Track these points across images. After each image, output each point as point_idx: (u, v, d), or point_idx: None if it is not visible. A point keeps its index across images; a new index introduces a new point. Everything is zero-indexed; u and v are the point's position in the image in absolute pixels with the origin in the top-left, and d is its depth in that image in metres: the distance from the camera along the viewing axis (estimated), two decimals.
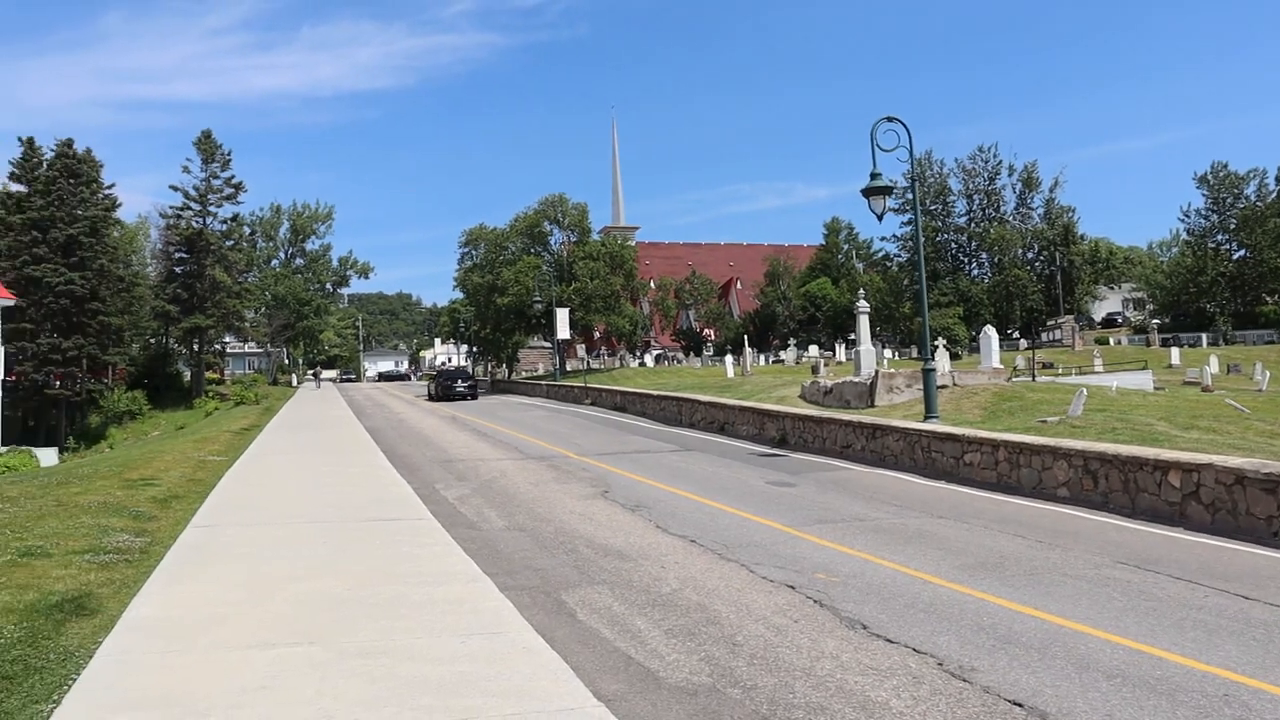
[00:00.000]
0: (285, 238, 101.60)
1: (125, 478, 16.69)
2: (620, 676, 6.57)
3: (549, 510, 13.72)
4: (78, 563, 9.60)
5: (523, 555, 10.60)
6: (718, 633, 7.53)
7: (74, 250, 55.45)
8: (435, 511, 13.19)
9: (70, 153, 58.84)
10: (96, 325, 56.20)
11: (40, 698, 5.91)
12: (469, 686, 5.92)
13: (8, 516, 12.35)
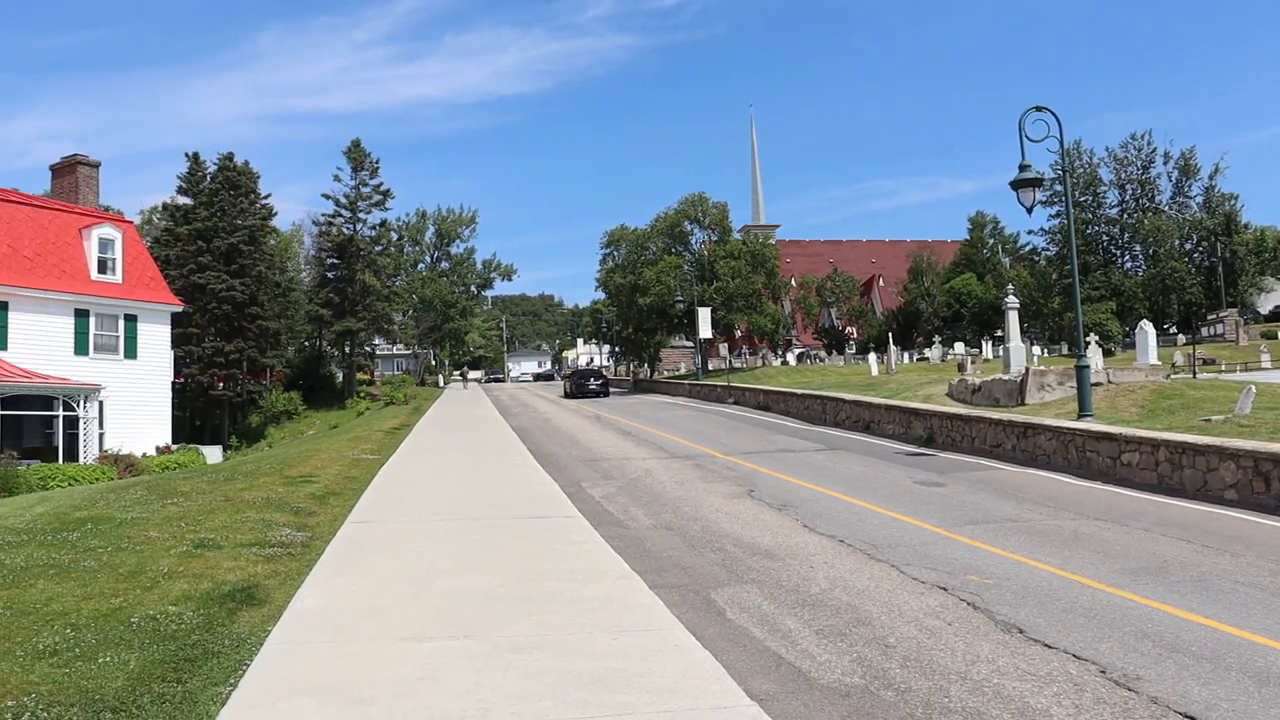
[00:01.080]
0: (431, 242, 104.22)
1: (285, 475, 17.36)
2: (772, 676, 6.56)
3: (695, 509, 13.76)
4: (246, 555, 10.04)
5: (670, 553, 10.66)
6: (869, 634, 7.45)
7: (235, 258, 57.82)
8: (583, 509, 13.37)
9: (231, 166, 61.37)
10: (256, 329, 58.47)
11: (218, 680, 6.21)
12: (622, 682, 5.99)
13: (181, 510, 13.00)
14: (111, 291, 39.14)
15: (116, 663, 6.51)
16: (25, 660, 6.59)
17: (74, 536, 11.15)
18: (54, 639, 7.04)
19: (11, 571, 9.34)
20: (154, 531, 11.38)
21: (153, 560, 9.77)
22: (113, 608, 7.95)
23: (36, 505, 14.67)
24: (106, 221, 41.60)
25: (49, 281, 36.98)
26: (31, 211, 38.99)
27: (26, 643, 6.98)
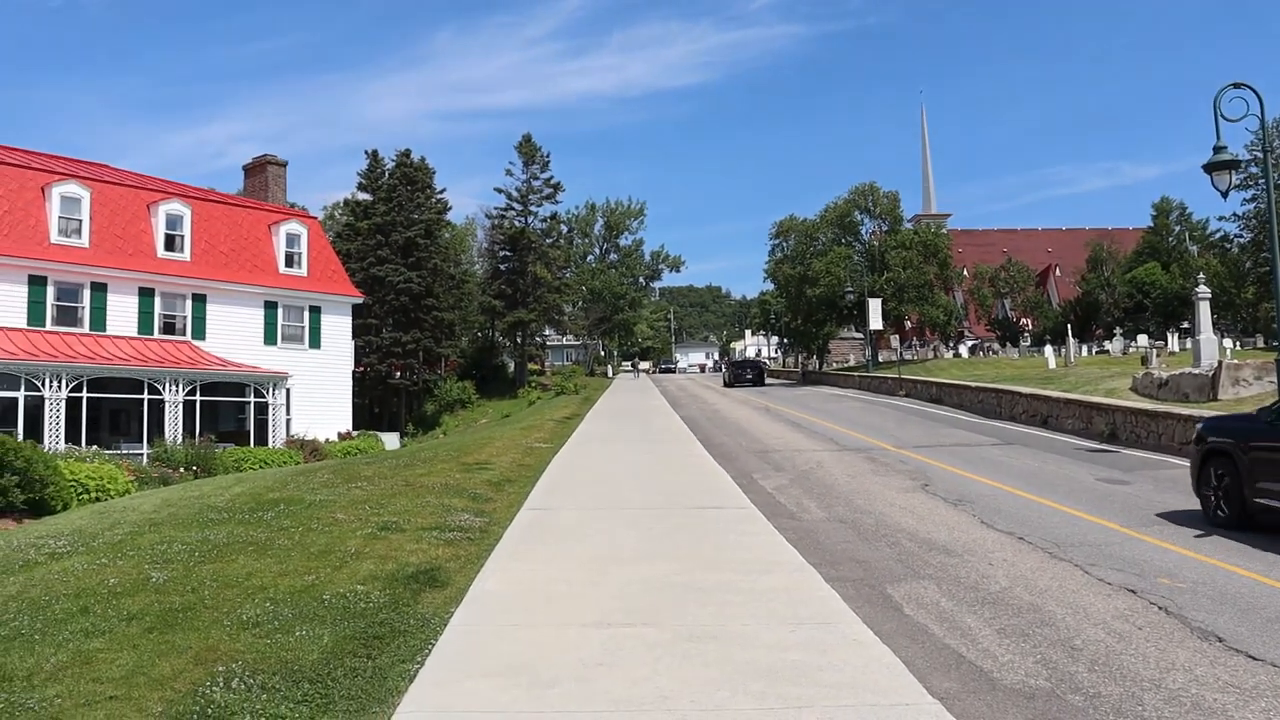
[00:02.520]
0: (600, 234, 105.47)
1: (462, 462, 17.85)
2: (952, 674, 6.42)
3: (868, 502, 13.58)
4: (427, 538, 10.37)
5: (844, 546, 10.55)
6: (1053, 635, 7.21)
7: (411, 251, 59.62)
8: (755, 500, 13.34)
9: (408, 162, 63.29)
10: (431, 320, 60.17)
11: (405, 658, 6.44)
12: (801, 675, 5.95)
13: (365, 494, 13.52)
14: (298, 284, 40.94)
15: (311, 636, 6.82)
16: (232, 629, 6.97)
17: (269, 516, 11.71)
18: (255, 611, 7.42)
19: (216, 547, 9.88)
20: (341, 514, 11.87)
21: (341, 541, 10.19)
22: (306, 584, 8.33)
23: (234, 486, 15.48)
24: (293, 218, 43.51)
25: (242, 275, 38.94)
26: (227, 210, 41.09)
27: (232, 613, 7.39)
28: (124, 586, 8.36)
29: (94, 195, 35.61)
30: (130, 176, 41.43)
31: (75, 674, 6.11)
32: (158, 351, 34.67)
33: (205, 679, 5.96)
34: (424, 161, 64.24)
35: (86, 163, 41.98)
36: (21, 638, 6.91)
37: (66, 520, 14.30)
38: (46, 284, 33.41)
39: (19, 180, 34.53)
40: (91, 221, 35.17)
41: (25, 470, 17.61)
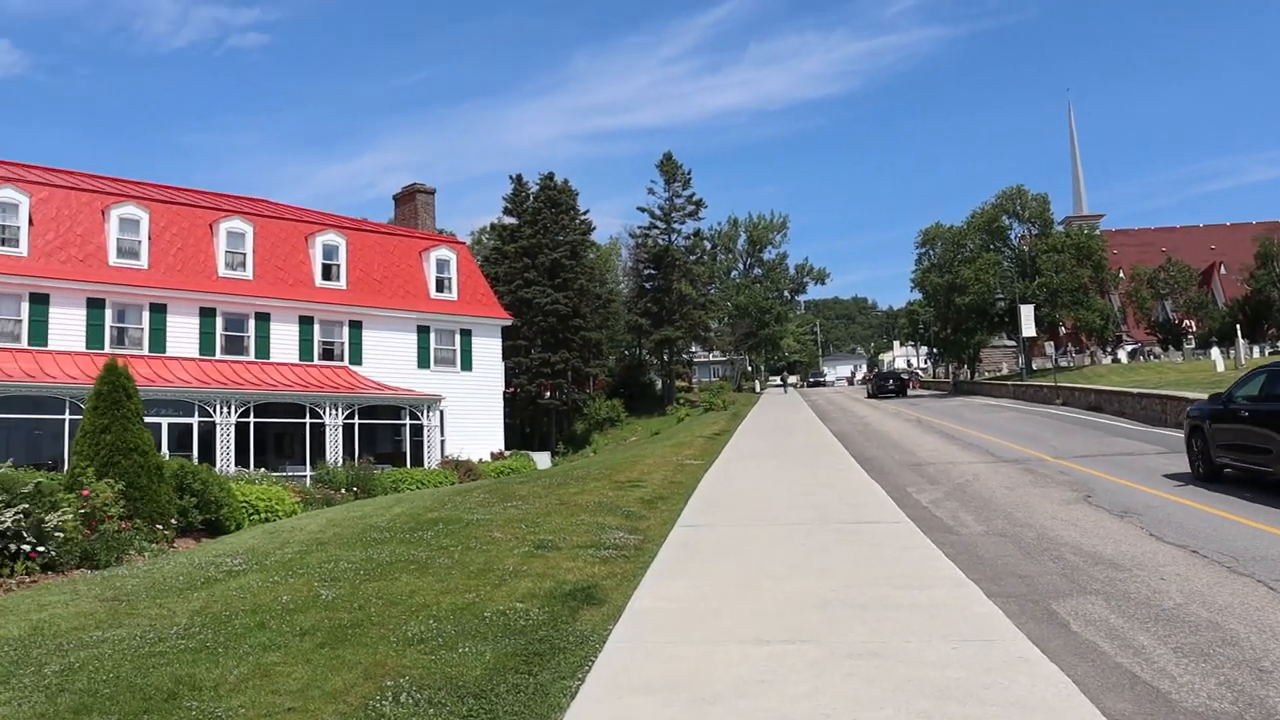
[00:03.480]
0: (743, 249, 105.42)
1: (614, 480, 18.01)
2: (1126, 695, 6.17)
3: (1028, 515, 13.20)
4: (583, 556, 10.49)
5: (1005, 561, 10.27)
6: (1237, 655, 6.85)
7: (558, 273, 60.53)
8: (910, 514, 13.10)
9: (551, 185, 64.34)
10: (579, 340, 60.93)
11: (566, 674, 6.52)
12: (966, 694, 5.81)
13: (520, 512, 13.76)
14: (448, 308, 41.99)
15: (474, 653, 6.96)
16: (398, 646, 7.18)
17: (428, 535, 12.03)
18: (420, 628, 7.63)
19: (379, 565, 10.20)
20: (498, 532, 12.11)
21: (499, 559, 10.39)
22: (467, 602, 8.51)
23: (394, 506, 15.94)
24: (443, 244, 44.67)
25: (395, 301, 40.15)
26: (379, 238, 42.48)
27: (398, 630, 7.61)
28: (296, 603, 8.70)
29: (256, 229, 37.26)
30: (289, 210, 43.25)
31: (256, 686, 6.39)
32: (318, 377, 36.00)
33: (375, 693, 6.15)
34: (567, 184, 65.21)
35: (249, 199, 43.99)
36: (207, 650, 7.27)
37: (240, 540, 14.95)
38: (215, 315, 35.11)
39: (189, 218, 36.40)
40: (254, 254, 36.81)
41: (202, 492, 18.47)
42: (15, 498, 12.92)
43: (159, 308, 34.02)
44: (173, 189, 41.41)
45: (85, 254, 33.37)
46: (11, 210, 32.03)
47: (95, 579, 11.58)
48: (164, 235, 35.31)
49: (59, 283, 32.09)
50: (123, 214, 34.31)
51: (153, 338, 33.79)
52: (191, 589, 9.92)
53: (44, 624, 8.72)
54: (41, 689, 6.54)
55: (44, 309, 31.90)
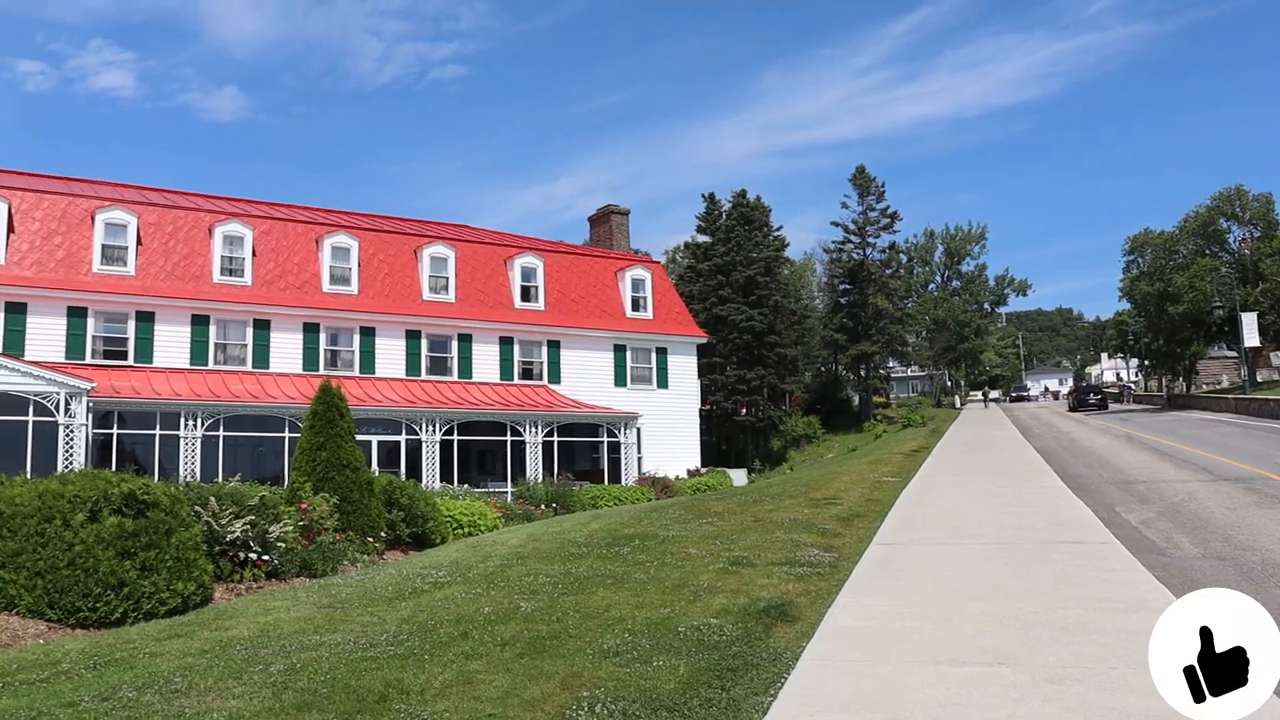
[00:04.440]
0: (940, 261, 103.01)
1: (810, 497, 17.91)
2: None
3: (1251, 538, 12.45)
4: (777, 573, 10.49)
5: (1225, 587, 9.73)
6: None
7: (752, 289, 60.51)
8: (1118, 535, 12.57)
9: (744, 202, 64.40)
10: (774, 357, 60.70)
11: (759, 690, 6.56)
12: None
13: (715, 529, 13.85)
14: (644, 327, 42.56)
15: (668, 667, 7.07)
16: (594, 658, 7.37)
17: (624, 551, 12.25)
18: (615, 641, 7.80)
19: (577, 579, 10.46)
20: (693, 549, 12.23)
21: (693, 575, 10.50)
22: (662, 617, 8.65)
23: (592, 522, 16.28)
24: (637, 263, 45.34)
25: (592, 321, 40.98)
26: (575, 259, 43.46)
27: (594, 642, 7.80)
28: (497, 614, 9.02)
29: (458, 254, 38.71)
30: (489, 234, 44.76)
31: (459, 692, 6.67)
32: (518, 396, 37.06)
33: (571, 703, 6.33)
34: (759, 200, 65.17)
35: (450, 224, 45.72)
36: (414, 657, 7.64)
37: (445, 553, 15.56)
38: (421, 338, 36.64)
39: (395, 245, 38.15)
40: (456, 278, 38.25)
41: (410, 507, 19.29)
42: (243, 510, 13.83)
43: (368, 331, 35.76)
44: (379, 217, 43.51)
45: (301, 281, 35.39)
46: (238, 243, 34.33)
47: (313, 587, 12.27)
48: (372, 262, 37.10)
49: (278, 309, 34.14)
50: (335, 243, 36.25)
51: (363, 360, 35.52)
52: (400, 598, 10.40)
53: (269, 627, 9.32)
54: (269, 686, 7.03)
55: (265, 334, 33.99)
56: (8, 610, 10.39)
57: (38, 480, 11.94)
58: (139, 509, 11.27)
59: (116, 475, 11.83)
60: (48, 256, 31.64)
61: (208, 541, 12.65)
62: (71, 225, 32.44)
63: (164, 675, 7.50)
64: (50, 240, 31.95)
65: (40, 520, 10.84)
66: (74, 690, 7.23)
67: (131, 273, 32.51)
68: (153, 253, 33.34)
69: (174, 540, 11.33)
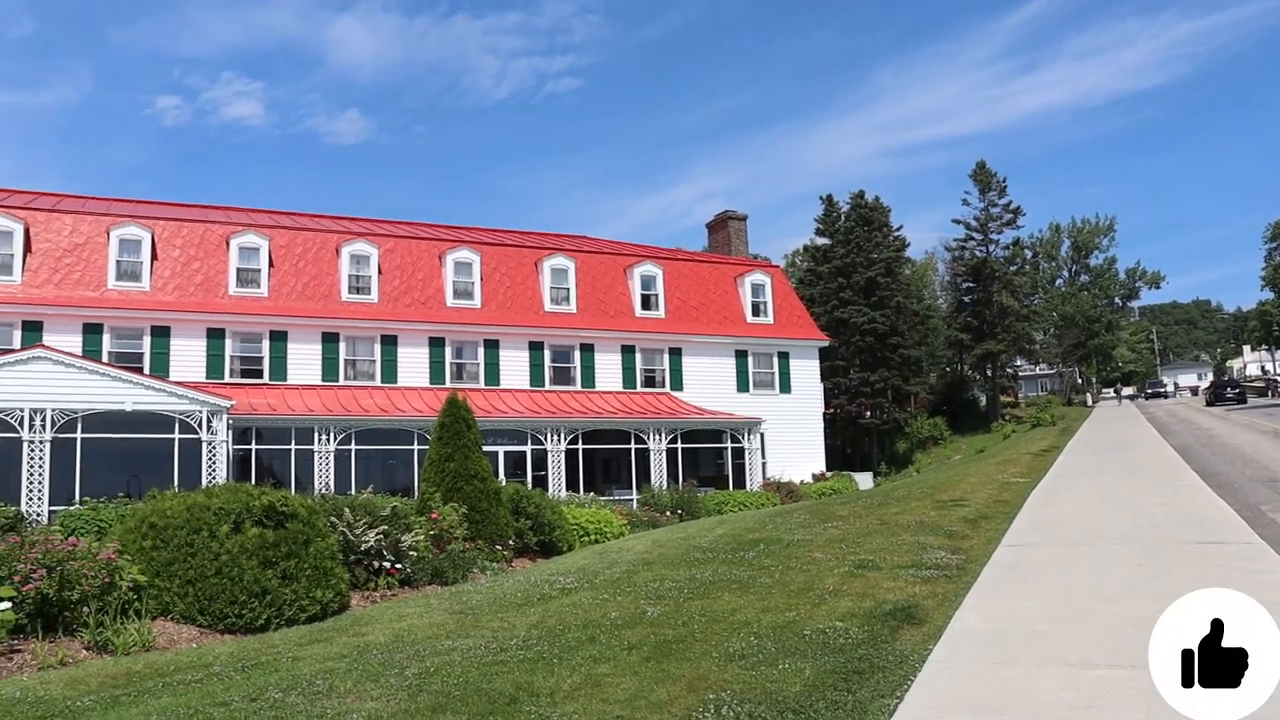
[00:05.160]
0: (1067, 256, 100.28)
1: (936, 499, 17.67)
2: None
3: None
4: (903, 576, 10.41)
5: None
6: None
7: (873, 291, 59.89)
8: (1264, 535, 12.12)
9: (862, 203, 63.79)
10: (898, 358, 59.96)
11: (884, 693, 6.54)
12: None
13: (840, 533, 13.79)
14: (765, 332, 42.44)
15: (793, 669, 7.10)
16: (720, 661, 7.44)
17: (749, 555, 12.28)
18: (740, 644, 7.86)
19: (702, 584, 10.54)
20: (817, 552, 12.20)
21: (818, 579, 10.49)
22: (787, 620, 8.67)
23: (717, 528, 16.35)
24: (756, 268, 45.25)
25: (712, 327, 41.03)
26: (694, 266, 43.58)
27: (719, 646, 7.88)
28: (623, 619, 9.15)
29: (578, 264, 39.18)
30: (607, 244, 45.19)
31: (587, 694, 6.82)
32: (640, 403, 37.31)
33: (698, 705, 6.41)
34: (878, 200, 64.48)
35: (569, 236, 46.35)
36: (543, 660, 7.82)
37: (572, 560, 15.79)
38: (543, 349, 37.21)
39: (516, 258, 38.82)
40: (577, 288, 38.71)
41: (536, 515, 19.62)
42: (376, 520, 14.26)
43: (492, 343, 36.43)
44: (500, 231, 44.31)
45: (426, 297, 36.25)
46: (364, 262, 35.42)
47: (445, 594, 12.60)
48: (494, 275, 37.81)
49: (405, 324, 35.04)
50: (457, 258, 37.04)
51: (488, 372, 36.20)
52: (529, 604, 10.62)
53: (404, 632, 9.62)
54: (404, 688, 7.28)
55: (393, 349, 34.92)
56: (163, 616, 10.93)
57: (185, 494, 12.51)
58: (279, 520, 11.73)
59: (257, 489, 12.33)
60: (187, 281, 33.07)
61: (343, 551, 13.08)
62: (208, 251, 33.86)
63: (306, 678, 7.82)
64: (189, 266, 33.39)
65: (189, 531, 11.37)
66: (225, 691, 7.59)
67: (265, 294, 33.76)
68: (284, 274, 34.55)
69: (312, 550, 11.75)
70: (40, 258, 31.63)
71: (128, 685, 7.97)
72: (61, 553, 10.46)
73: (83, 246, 32.30)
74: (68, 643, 9.74)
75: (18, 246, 31.06)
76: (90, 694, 7.68)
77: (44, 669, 8.92)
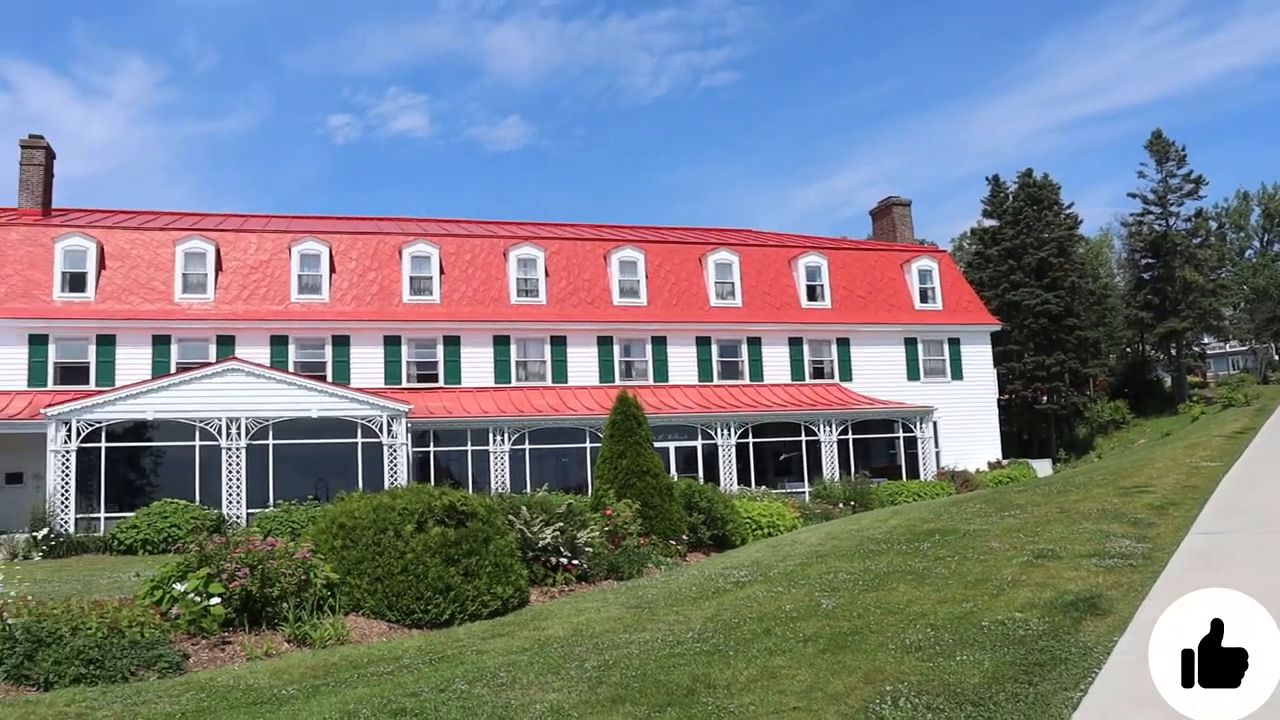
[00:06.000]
0: (1258, 225, 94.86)
1: (1119, 485, 17.05)
2: None
3: None
4: (1085, 565, 10.13)
5: None
6: None
7: (1045, 272, 58.02)
8: None
9: (1029, 182, 61.83)
10: (1074, 340, 57.97)
11: (1068, 685, 6.41)
12: None
13: (1019, 522, 13.47)
14: (933, 318, 41.62)
15: (972, 661, 7.02)
16: (896, 653, 7.41)
17: (924, 546, 12.13)
18: (916, 636, 7.80)
19: (876, 576, 10.48)
20: (994, 542, 11.96)
21: (995, 569, 10.30)
22: (964, 611, 8.56)
23: (890, 519, 16.17)
24: (923, 254, 44.38)
25: (880, 316, 40.46)
26: (859, 255, 43.05)
27: (895, 638, 7.84)
28: (798, 611, 9.19)
29: (742, 258, 39.18)
30: (770, 236, 45.06)
31: (763, 686, 6.89)
32: (809, 395, 37.08)
33: (874, 697, 6.41)
34: (1047, 178, 62.37)
35: (732, 230, 46.38)
36: (719, 653, 7.92)
37: (745, 553, 15.86)
38: (710, 344, 37.37)
39: (679, 255, 39.10)
40: (741, 282, 38.73)
41: (709, 510, 19.73)
42: (552, 517, 14.62)
43: (659, 340, 36.76)
44: (662, 229, 44.63)
45: (592, 297, 36.84)
46: (531, 265, 36.19)
47: (620, 589, 12.84)
48: (658, 273, 38.12)
49: (573, 325, 35.69)
50: (622, 257, 37.51)
51: (656, 368, 36.56)
52: (703, 598, 10.75)
53: (582, 626, 9.87)
54: (584, 680, 7.49)
55: (562, 349, 35.62)
56: (355, 611, 11.47)
57: (371, 495, 13.08)
58: (459, 519, 12.15)
59: (438, 489, 12.81)
60: (364, 292, 34.46)
61: (521, 548, 13.45)
62: (382, 261, 35.20)
63: (490, 670, 8.12)
64: (365, 277, 34.78)
65: (376, 531, 11.89)
66: (415, 682, 7.95)
67: (437, 300, 34.88)
68: (454, 280, 35.63)
69: (492, 547, 12.13)
70: (230, 275, 33.48)
71: (326, 676, 8.42)
72: (262, 552, 11.11)
73: (267, 263, 34.04)
74: (270, 635, 10.33)
75: (210, 266, 32.99)
76: (293, 683, 8.15)
77: (251, 659, 9.51)
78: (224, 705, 7.50)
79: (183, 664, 9.21)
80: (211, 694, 7.84)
